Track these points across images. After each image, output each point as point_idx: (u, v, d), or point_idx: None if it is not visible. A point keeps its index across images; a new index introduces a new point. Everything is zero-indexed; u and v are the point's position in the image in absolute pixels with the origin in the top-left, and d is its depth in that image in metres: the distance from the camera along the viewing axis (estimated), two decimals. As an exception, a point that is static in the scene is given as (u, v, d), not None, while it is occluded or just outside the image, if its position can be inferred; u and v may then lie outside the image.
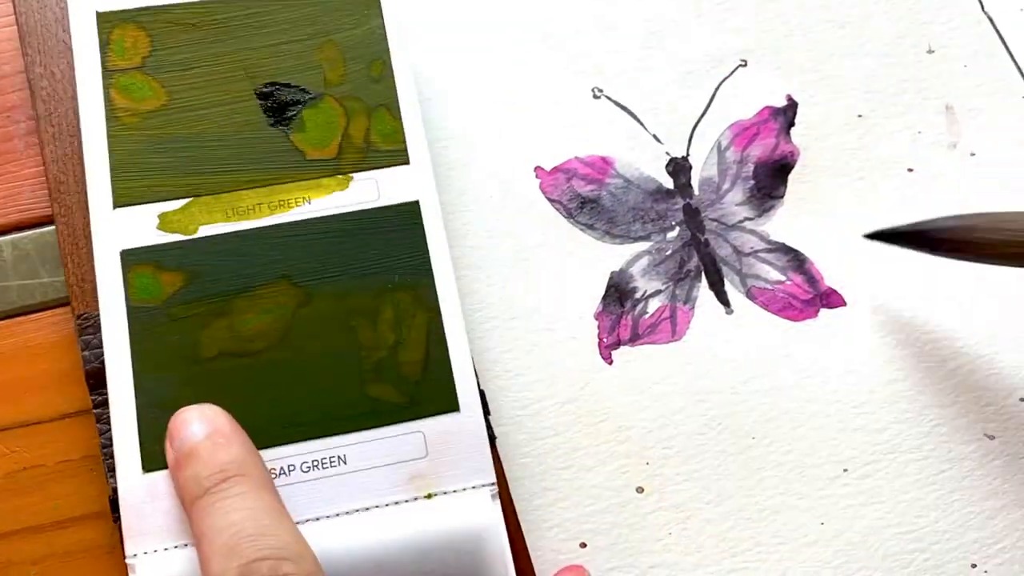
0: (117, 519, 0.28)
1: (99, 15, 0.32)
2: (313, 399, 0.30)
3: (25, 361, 0.32)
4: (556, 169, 0.36)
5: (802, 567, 0.32)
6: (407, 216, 0.32)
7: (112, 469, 0.29)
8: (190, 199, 0.31)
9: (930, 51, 0.38)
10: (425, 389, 0.30)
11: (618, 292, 0.34)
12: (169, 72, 0.32)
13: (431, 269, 0.31)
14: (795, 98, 0.37)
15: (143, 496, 0.28)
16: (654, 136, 0.36)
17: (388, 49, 0.33)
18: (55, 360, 0.31)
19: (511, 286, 0.34)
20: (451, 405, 0.30)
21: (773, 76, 0.38)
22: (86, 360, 0.30)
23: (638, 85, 0.37)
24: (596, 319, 0.34)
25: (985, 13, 0.39)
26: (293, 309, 0.30)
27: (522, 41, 0.37)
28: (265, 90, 0.32)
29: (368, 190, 0.32)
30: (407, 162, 0.32)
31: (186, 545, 0.28)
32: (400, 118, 0.33)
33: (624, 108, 0.37)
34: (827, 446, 0.33)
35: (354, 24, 0.33)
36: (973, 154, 0.37)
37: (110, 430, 0.29)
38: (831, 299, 0.35)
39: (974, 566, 0.32)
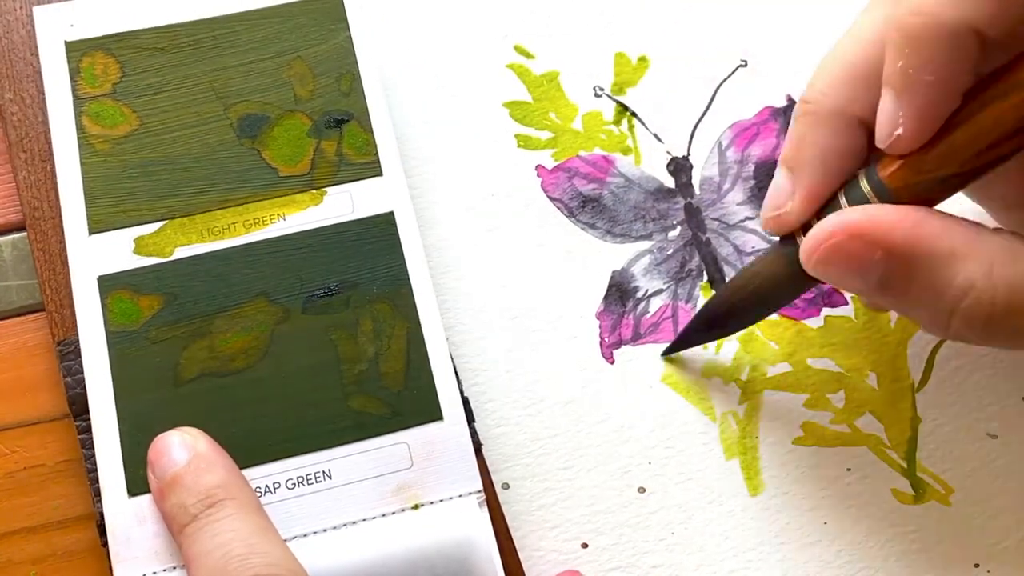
0: (105, 544, 0.28)
1: (68, 44, 0.32)
2: (296, 415, 0.30)
3: (26, 361, 0.32)
4: (557, 168, 0.36)
5: (804, 567, 0.31)
6: (382, 227, 0.32)
7: (99, 494, 0.29)
8: (165, 222, 0.31)
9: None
10: (407, 399, 0.30)
11: (619, 291, 0.34)
12: (140, 97, 0.32)
13: (408, 279, 0.31)
14: (795, 98, 0.37)
15: (130, 521, 0.28)
16: (655, 135, 0.36)
17: (356, 62, 0.33)
18: (55, 360, 0.31)
19: (512, 286, 0.34)
20: (434, 414, 0.30)
21: (773, 76, 0.37)
22: (68, 387, 0.30)
23: (639, 84, 0.37)
24: (598, 318, 0.34)
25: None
26: (272, 326, 0.30)
27: (523, 39, 0.37)
28: (236, 110, 0.32)
29: (342, 204, 0.32)
30: (380, 173, 0.32)
31: (175, 568, 0.28)
32: (371, 130, 0.33)
33: (625, 107, 0.37)
34: (829, 445, 0.33)
35: (321, 39, 0.33)
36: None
37: (95, 455, 0.29)
38: (833, 298, 0.35)
39: (977, 566, 0.32)
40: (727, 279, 0.35)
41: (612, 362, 0.33)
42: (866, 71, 0.27)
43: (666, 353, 0.33)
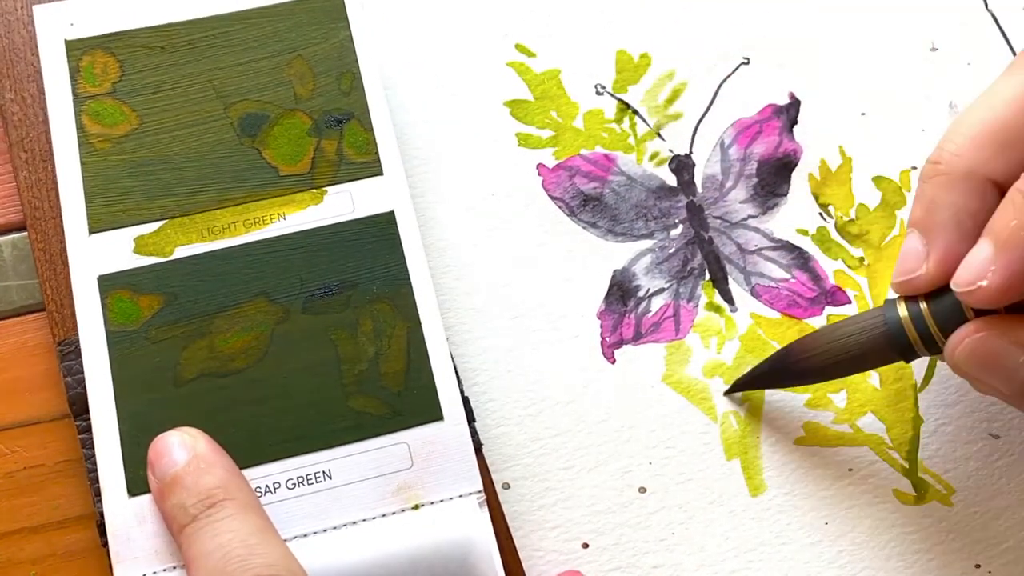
0: (105, 544, 0.28)
1: (68, 43, 0.32)
2: (296, 415, 0.30)
3: (25, 361, 0.32)
4: (559, 166, 0.36)
5: (805, 567, 0.31)
6: (383, 227, 0.31)
7: (99, 494, 0.29)
8: (165, 221, 0.31)
9: (933, 49, 0.38)
10: (408, 399, 0.30)
11: (621, 290, 0.34)
12: (139, 96, 0.32)
13: (409, 278, 0.31)
14: (798, 96, 0.37)
15: (130, 521, 0.28)
16: (657, 133, 0.36)
17: (356, 60, 0.33)
18: (55, 360, 0.31)
19: (513, 285, 0.34)
20: (435, 414, 0.30)
21: (776, 74, 0.37)
22: (68, 386, 0.30)
23: (640, 82, 0.37)
24: (599, 318, 0.34)
25: (988, 11, 0.39)
26: (272, 326, 0.30)
27: (524, 38, 0.37)
28: (236, 109, 0.32)
29: (343, 203, 0.32)
30: (380, 173, 0.32)
31: (175, 568, 0.28)
32: (371, 129, 0.33)
33: (627, 105, 0.37)
34: (831, 446, 0.33)
35: (322, 38, 0.33)
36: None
37: (95, 455, 0.29)
38: (836, 297, 0.35)
39: (978, 566, 0.32)
40: (729, 277, 0.35)
41: (613, 362, 0.33)
42: (1004, 134, 0.27)
43: (729, 391, 0.33)
